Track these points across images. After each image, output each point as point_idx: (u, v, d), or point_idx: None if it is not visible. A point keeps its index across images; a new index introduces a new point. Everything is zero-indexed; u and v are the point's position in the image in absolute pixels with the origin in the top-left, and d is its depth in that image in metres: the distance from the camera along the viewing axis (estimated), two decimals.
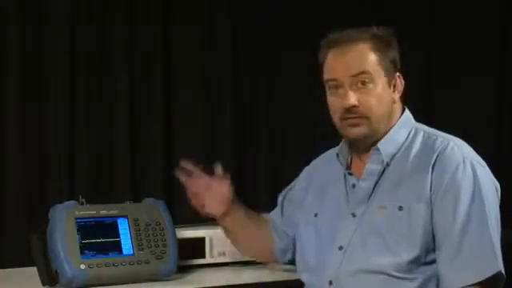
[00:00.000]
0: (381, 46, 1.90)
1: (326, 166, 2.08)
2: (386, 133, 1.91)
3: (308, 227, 2.02)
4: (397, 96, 1.94)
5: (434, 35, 3.58)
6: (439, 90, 3.57)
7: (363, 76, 1.87)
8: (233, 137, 3.32)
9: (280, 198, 2.24)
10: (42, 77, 2.98)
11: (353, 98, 1.87)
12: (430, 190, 1.82)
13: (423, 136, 1.92)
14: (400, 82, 1.94)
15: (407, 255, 1.81)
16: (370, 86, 1.88)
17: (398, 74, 1.94)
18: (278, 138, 3.42)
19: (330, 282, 1.90)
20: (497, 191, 1.87)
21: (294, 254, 2.12)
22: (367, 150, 1.93)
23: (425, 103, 3.51)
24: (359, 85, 1.87)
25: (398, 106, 1.96)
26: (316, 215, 2.01)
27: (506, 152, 3.58)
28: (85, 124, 3.04)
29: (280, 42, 3.40)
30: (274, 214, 2.24)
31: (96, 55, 3.07)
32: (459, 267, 1.77)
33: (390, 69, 1.92)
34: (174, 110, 3.22)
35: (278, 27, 3.40)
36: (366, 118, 1.88)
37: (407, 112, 1.97)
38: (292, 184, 2.24)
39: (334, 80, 1.90)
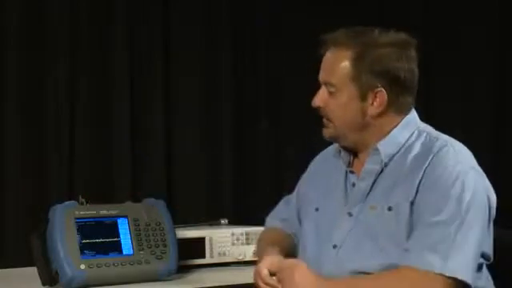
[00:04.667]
0: (368, 56, 1.83)
1: (331, 160, 2.05)
2: (386, 134, 1.89)
3: (309, 222, 2.01)
4: (375, 110, 1.86)
5: (434, 34, 3.59)
6: (439, 89, 3.57)
7: (328, 86, 1.89)
8: (233, 137, 3.32)
9: (293, 201, 2.17)
10: (42, 77, 2.98)
11: (317, 100, 1.90)
12: (417, 191, 1.80)
13: (425, 138, 1.88)
14: (379, 99, 1.85)
15: (398, 258, 1.80)
16: (335, 94, 1.87)
17: (379, 89, 1.84)
18: (277, 138, 3.42)
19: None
20: (489, 200, 1.81)
21: None
22: (366, 149, 1.92)
23: (424, 103, 3.51)
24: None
25: (381, 119, 1.87)
26: (317, 210, 1.99)
27: (506, 152, 3.58)
28: (85, 124, 3.04)
29: (280, 42, 3.40)
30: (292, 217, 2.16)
31: (96, 55, 3.07)
32: (430, 250, 1.72)
33: (369, 82, 1.84)
34: (173, 110, 3.22)
35: (278, 27, 3.41)
36: (331, 121, 1.90)
37: (413, 113, 1.92)
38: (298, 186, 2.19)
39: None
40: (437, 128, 1.96)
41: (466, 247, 1.74)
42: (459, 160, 1.81)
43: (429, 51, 3.55)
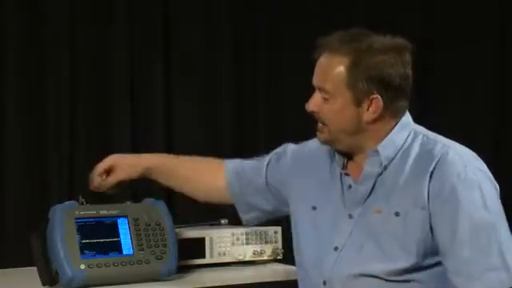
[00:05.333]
0: (363, 62, 1.82)
1: (317, 157, 2.04)
2: (382, 138, 1.88)
3: (305, 219, 2.00)
4: (370, 115, 1.85)
5: (434, 35, 3.59)
6: (439, 90, 3.57)
7: (322, 92, 1.88)
8: (233, 137, 3.32)
9: (265, 162, 2.22)
10: (42, 77, 2.98)
11: (311, 105, 1.90)
12: (428, 196, 1.80)
13: (422, 139, 1.88)
14: (374, 105, 1.84)
15: (404, 262, 1.80)
16: (330, 100, 1.87)
17: (375, 95, 1.83)
18: (277, 138, 3.42)
19: (324, 283, 1.89)
20: (497, 194, 1.84)
21: (261, 217, 2.25)
22: (362, 152, 1.92)
23: (424, 103, 3.51)
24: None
25: (376, 124, 1.87)
26: (314, 208, 1.99)
27: (506, 152, 3.59)
28: (85, 124, 3.04)
29: (280, 42, 3.40)
30: (250, 168, 2.26)
31: (96, 55, 3.07)
32: (469, 280, 1.75)
33: (365, 89, 1.83)
34: (174, 109, 3.23)
35: (277, 27, 3.40)
36: (326, 125, 1.90)
37: (407, 115, 1.92)
38: (279, 151, 2.22)
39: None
40: (436, 128, 1.96)
41: (511, 249, 1.77)
42: (466, 164, 1.81)
43: (429, 51, 3.55)
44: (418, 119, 1.98)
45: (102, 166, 2.30)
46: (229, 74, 3.32)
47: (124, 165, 2.30)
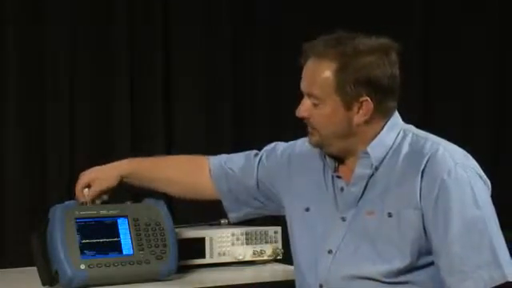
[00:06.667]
0: (350, 66, 1.81)
1: (310, 159, 2.03)
2: (373, 139, 1.87)
3: (298, 221, 2.00)
4: (361, 118, 1.85)
5: (434, 35, 3.59)
6: (439, 89, 3.58)
7: (311, 97, 1.88)
8: (233, 137, 3.32)
9: (256, 162, 2.19)
10: (42, 77, 2.98)
11: (301, 111, 1.90)
12: (420, 196, 1.79)
13: (412, 138, 1.88)
14: (365, 107, 1.84)
15: (399, 262, 1.80)
16: (319, 105, 1.86)
17: (365, 98, 1.83)
18: (277, 138, 3.42)
19: (321, 286, 1.89)
20: (488, 191, 1.84)
21: (251, 213, 2.23)
22: (352, 155, 1.91)
23: (424, 103, 3.52)
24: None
25: (366, 125, 1.86)
26: (308, 210, 1.98)
27: (506, 152, 3.59)
28: (85, 124, 3.04)
29: (280, 42, 3.40)
30: (239, 168, 2.20)
31: (96, 55, 3.07)
32: (461, 278, 1.75)
33: (354, 92, 1.82)
34: (174, 109, 3.23)
35: (277, 27, 3.41)
36: (316, 130, 1.90)
37: (396, 115, 1.92)
38: (268, 149, 2.21)
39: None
40: (436, 128, 1.96)
41: (502, 245, 1.77)
42: (456, 162, 1.81)
43: (429, 51, 3.56)
44: (418, 119, 1.98)
45: (80, 184, 2.26)
46: (229, 73, 3.32)
47: (100, 178, 2.26)
